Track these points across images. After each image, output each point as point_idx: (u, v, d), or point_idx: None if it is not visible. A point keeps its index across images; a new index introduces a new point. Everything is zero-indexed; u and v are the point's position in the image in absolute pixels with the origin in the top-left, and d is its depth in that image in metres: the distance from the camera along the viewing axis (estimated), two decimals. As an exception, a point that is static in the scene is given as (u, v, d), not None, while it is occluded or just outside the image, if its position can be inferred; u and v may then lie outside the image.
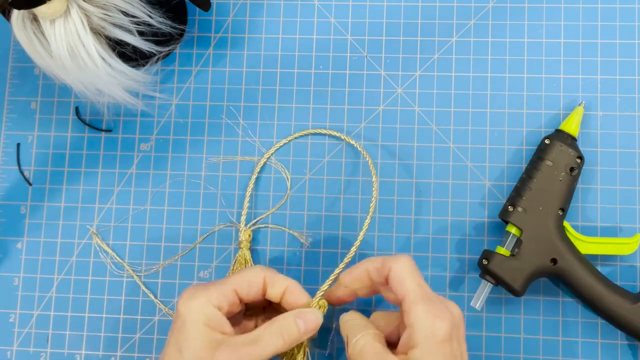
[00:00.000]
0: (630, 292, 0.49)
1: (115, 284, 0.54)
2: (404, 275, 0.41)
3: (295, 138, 0.54)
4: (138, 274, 0.54)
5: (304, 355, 0.45)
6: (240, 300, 0.44)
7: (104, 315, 0.54)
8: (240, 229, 0.53)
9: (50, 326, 0.54)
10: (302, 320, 0.42)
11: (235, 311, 0.44)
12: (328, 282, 0.47)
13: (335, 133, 0.54)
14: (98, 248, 0.54)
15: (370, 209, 0.50)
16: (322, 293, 0.46)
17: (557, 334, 0.51)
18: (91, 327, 0.54)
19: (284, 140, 0.54)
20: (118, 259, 0.54)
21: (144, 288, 0.54)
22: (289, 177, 0.54)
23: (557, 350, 0.51)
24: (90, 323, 0.54)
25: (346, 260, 0.48)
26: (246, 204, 0.53)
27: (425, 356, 0.38)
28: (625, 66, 0.54)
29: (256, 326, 0.47)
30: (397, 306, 0.43)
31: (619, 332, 0.50)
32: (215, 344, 0.39)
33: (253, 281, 0.43)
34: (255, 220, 0.54)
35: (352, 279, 0.44)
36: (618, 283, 0.51)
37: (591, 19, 0.54)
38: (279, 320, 0.42)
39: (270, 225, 0.54)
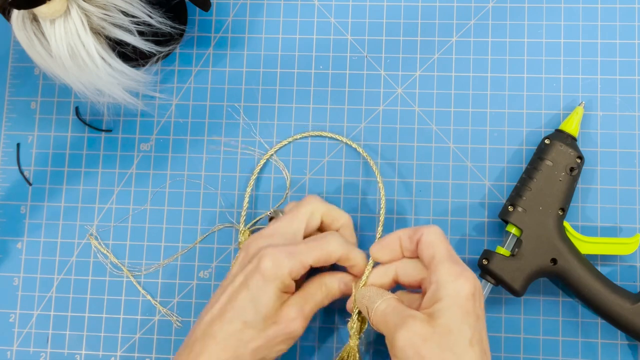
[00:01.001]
0: (630, 292, 0.49)
1: (115, 284, 0.54)
2: (435, 239, 0.44)
3: (295, 139, 0.54)
4: (138, 273, 0.54)
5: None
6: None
7: (104, 315, 0.54)
8: (240, 229, 0.53)
9: (50, 326, 0.54)
10: (344, 285, 0.48)
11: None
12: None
13: (336, 136, 0.54)
14: (95, 250, 0.54)
15: (382, 210, 0.51)
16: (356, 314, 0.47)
17: (557, 334, 0.51)
18: (91, 327, 0.54)
19: (285, 142, 0.54)
20: (116, 261, 0.54)
21: (142, 291, 0.54)
22: (288, 176, 0.54)
23: (557, 350, 0.51)
24: (90, 323, 0.54)
25: (370, 261, 0.48)
26: (245, 205, 0.53)
27: (448, 308, 0.41)
28: (625, 66, 0.54)
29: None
30: (416, 289, 0.46)
31: (619, 332, 0.50)
32: (282, 302, 0.45)
33: (329, 259, 0.46)
34: (254, 221, 0.54)
35: (382, 246, 0.47)
36: (618, 283, 0.51)
37: (591, 19, 0.54)
38: (327, 282, 0.47)
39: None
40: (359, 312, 0.46)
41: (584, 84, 0.53)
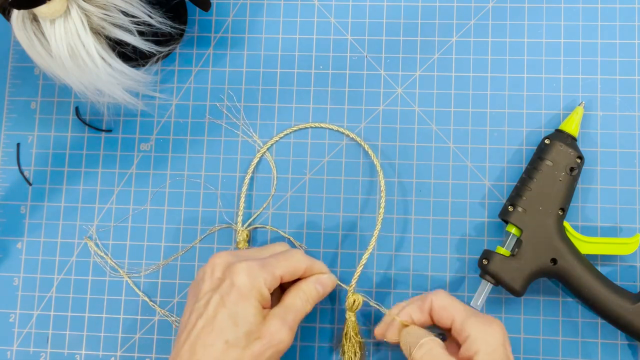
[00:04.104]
0: (630, 292, 0.49)
1: (115, 284, 0.54)
2: (447, 303, 0.46)
3: (294, 131, 0.54)
4: (138, 274, 0.54)
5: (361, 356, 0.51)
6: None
7: (104, 315, 0.54)
8: (237, 229, 0.53)
9: (50, 326, 0.54)
10: (320, 285, 0.48)
11: None
12: (355, 277, 0.50)
13: (333, 127, 0.54)
14: (92, 251, 0.54)
15: (381, 207, 0.51)
16: (353, 289, 0.50)
17: (557, 334, 0.51)
18: (91, 327, 0.54)
19: (279, 135, 0.54)
20: (113, 262, 0.54)
21: (140, 293, 0.54)
22: (275, 174, 0.54)
23: (557, 350, 0.51)
24: (90, 323, 0.54)
25: (365, 255, 0.50)
26: (242, 204, 0.53)
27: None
28: (625, 66, 0.54)
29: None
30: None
31: (619, 332, 0.50)
32: (262, 317, 0.45)
33: (296, 270, 0.47)
34: (250, 220, 0.54)
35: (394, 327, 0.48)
36: (618, 283, 0.51)
37: (591, 19, 0.54)
38: (303, 288, 0.48)
39: (268, 227, 0.54)
40: (353, 291, 0.49)
41: (584, 84, 0.54)
